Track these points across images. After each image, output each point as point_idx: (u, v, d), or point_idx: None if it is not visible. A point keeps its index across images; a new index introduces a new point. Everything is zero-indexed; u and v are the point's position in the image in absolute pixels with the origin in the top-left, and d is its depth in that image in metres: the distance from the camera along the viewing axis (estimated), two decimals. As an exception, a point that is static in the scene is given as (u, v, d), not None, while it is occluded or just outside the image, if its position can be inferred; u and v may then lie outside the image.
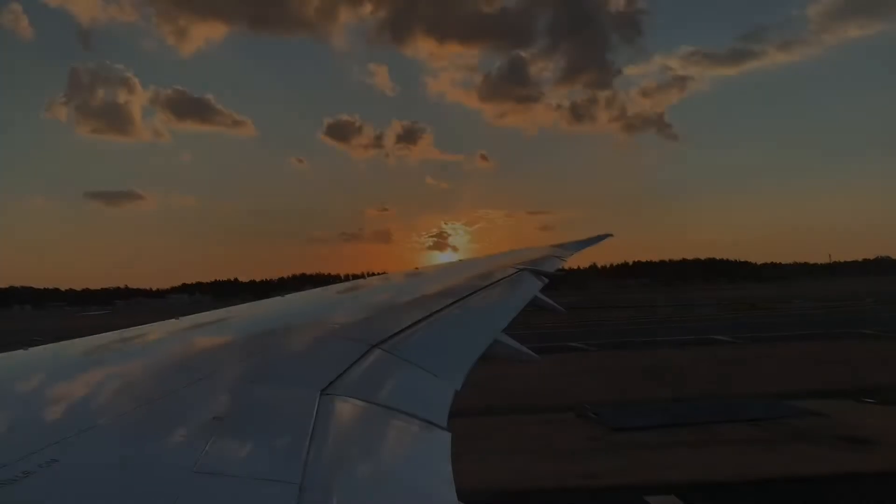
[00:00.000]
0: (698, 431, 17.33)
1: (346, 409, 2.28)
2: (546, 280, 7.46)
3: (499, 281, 6.30)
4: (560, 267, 8.90)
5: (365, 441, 2.16)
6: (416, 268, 7.82)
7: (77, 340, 3.21)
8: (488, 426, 18.55)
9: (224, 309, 4.42)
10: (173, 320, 3.79)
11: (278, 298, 4.97)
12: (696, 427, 17.78)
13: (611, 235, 13.47)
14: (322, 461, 1.78)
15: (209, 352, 3.04)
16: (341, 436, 2.04)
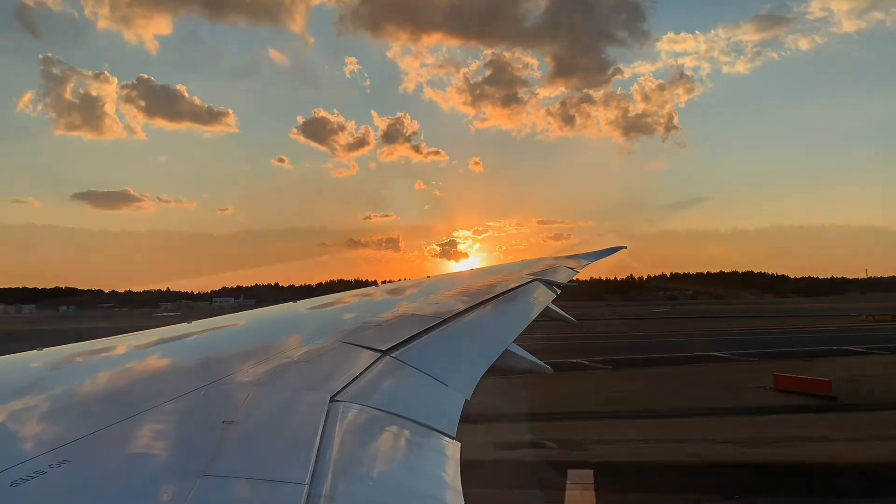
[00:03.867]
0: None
1: (355, 415, 2.28)
2: (558, 291, 7.44)
3: (510, 291, 6.29)
4: (573, 278, 8.88)
5: (373, 448, 2.16)
6: (428, 276, 7.85)
7: (89, 342, 3.25)
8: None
9: (237, 314, 4.46)
10: (185, 324, 3.81)
11: (291, 304, 4.99)
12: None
13: (624, 248, 13.47)
14: (330, 467, 1.79)
15: (221, 355, 3.06)
16: (350, 442, 2.05)
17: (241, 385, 2.43)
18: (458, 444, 2.33)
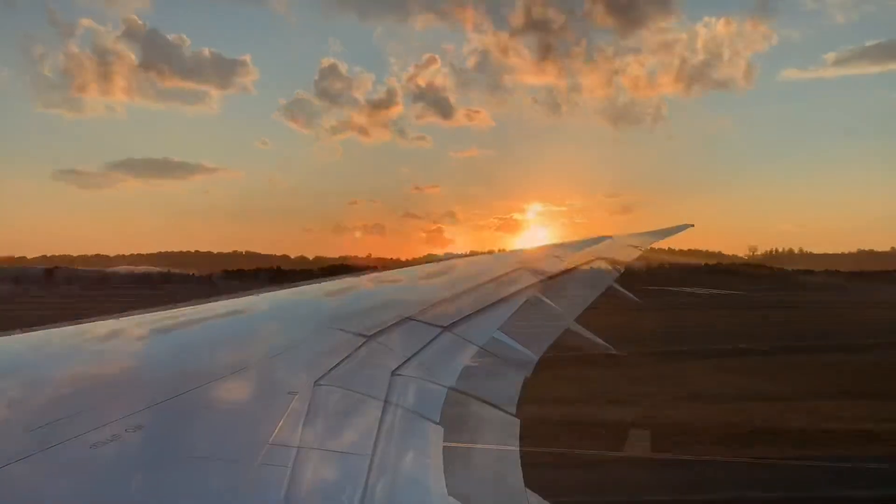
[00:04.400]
0: None
1: (339, 400, 2.32)
2: (545, 280, 7.42)
3: (496, 279, 6.27)
4: (565, 268, 8.84)
5: (357, 432, 2.18)
6: (416, 264, 7.85)
7: (76, 326, 3.24)
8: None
9: (224, 300, 4.48)
10: (172, 309, 3.80)
11: (278, 291, 4.97)
12: None
13: (609, 237, 13.35)
14: (314, 450, 1.82)
15: (206, 340, 3.08)
16: (334, 426, 2.09)
17: (225, 369, 2.45)
18: (441, 429, 2.36)
